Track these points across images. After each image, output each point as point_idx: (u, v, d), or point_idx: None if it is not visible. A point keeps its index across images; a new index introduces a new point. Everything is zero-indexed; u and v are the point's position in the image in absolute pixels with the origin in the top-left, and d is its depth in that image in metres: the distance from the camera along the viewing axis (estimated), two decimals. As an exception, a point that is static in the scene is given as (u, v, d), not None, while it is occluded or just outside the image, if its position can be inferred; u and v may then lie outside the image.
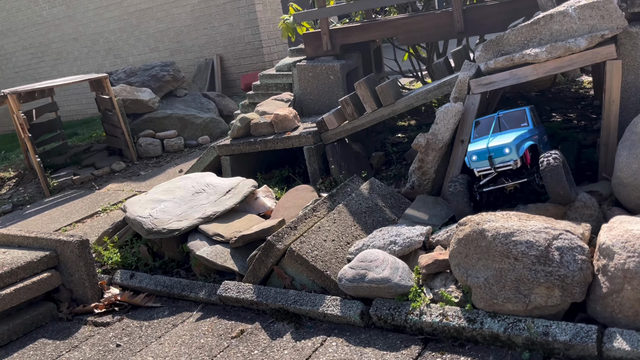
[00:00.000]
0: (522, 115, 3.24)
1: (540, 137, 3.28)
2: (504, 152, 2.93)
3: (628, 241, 2.26)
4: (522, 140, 3.02)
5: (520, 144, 2.99)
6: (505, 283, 2.41)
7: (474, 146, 3.05)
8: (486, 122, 3.31)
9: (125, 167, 6.81)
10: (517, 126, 3.20)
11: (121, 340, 3.14)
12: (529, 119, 3.21)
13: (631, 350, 2.13)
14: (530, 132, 3.15)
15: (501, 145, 2.94)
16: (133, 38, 11.41)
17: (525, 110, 3.26)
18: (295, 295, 3.01)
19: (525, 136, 3.08)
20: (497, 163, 2.96)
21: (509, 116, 3.26)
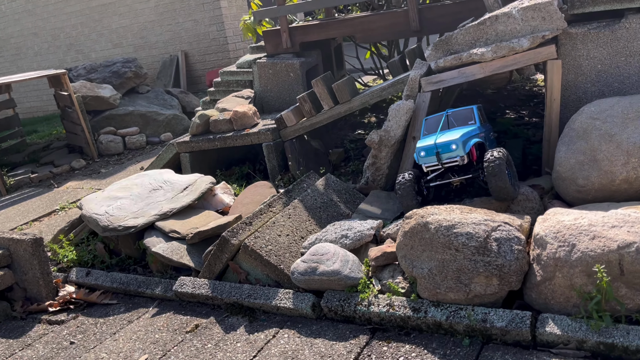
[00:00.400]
0: (469, 114, 3.33)
1: (486, 135, 3.39)
2: (451, 148, 3.03)
3: (559, 232, 2.39)
4: (469, 138, 3.13)
5: (466, 141, 3.10)
6: (447, 273, 2.51)
7: (423, 142, 3.15)
8: (436, 119, 3.41)
9: (86, 164, 6.73)
10: (464, 124, 3.29)
11: (75, 338, 3.14)
12: (476, 118, 3.31)
13: (561, 334, 2.26)
14: (477, 130, 3.25)
15: (448, 142, 3.04)
16: (95, 33, 11.23)
17: (473, 109, 3.36)
18: (249, 289, 3.07)
19: (472, 133, 3.19)
20: (444, 159, 3.05)
21: (457, 114, 3.36)
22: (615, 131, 2.93)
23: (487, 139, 3.37)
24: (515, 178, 3.10)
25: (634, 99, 3.04)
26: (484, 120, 3.49)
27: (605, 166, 2.89)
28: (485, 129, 3.40)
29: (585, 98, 3.41)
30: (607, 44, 3.30)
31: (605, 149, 2.91)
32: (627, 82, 3.31)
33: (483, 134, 3.30)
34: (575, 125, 3.10)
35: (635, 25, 3.23)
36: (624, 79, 3.31)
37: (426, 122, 3.42)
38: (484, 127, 3.40)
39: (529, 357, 2.28)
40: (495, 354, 2.34)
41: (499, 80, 6.34)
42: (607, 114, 3.01)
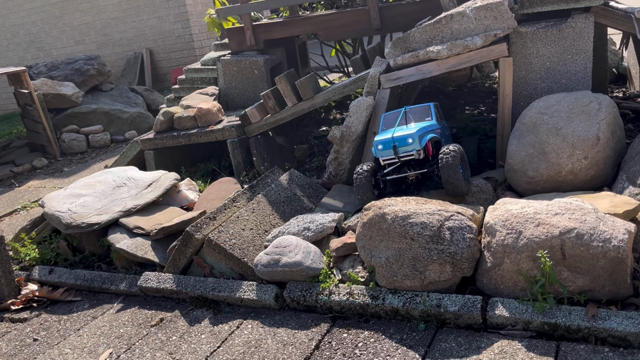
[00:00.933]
0: (426, 111, 3.42)
1: (442, 132, 3.46)
2: (408, 142, 3.11)
3: (507, 220, 2.52)
4: (425, 133, 3.23)
5: (423, 135, 3.20)
6: (403, 261, 2.62)
7: (381, 136, 3.24)
8: (394, 115, 3.50)
9: (48, 163, 6.63)
10: (421, 120, 3.37)
11: (39, 335, 3.14)
12: (432, 114, 3.39)
13: (509, 316, 2.40)
14: (434, 126, 3.32)
15: (405, 136, 3.13)
16: (56, 30, 11.02)
17: (430, 106, 3.45)
18: (213, 282, 3.12)
19: (428, 129, 3.28)
20: (401, 152, 3.14)
21: (414, 111, 3.44)
22: (561, 125, 3.09)
23: (443, 136, 3.47)
24: (468, 173, 3.21)
25: (579, 94, 3.21)
26: (440, 117, 3.57)
27: (552, 158, 3.05)
28: (441, 125, 3.49)
29: (535, 94, 3.58)
30: (554, 42, 3.46)
31: (553, 142, 3.07)
32: (574, 79, 3.49)
33: (439, 130, 3.39)
34: (526, 119, 3.26)
35: (581, 25, 3.41)
36: (571, 76, 3.49)
37: (385, 118, 3.52)
38: (440, 124, 3.48)
39: (479, 338, 2.41)
40: (448, 337, 2.46)
41: (460, 78, 6.52)
42: (554, 109, 3.18)
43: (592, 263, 2.32)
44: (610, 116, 3.07)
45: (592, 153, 2.97)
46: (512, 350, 2.29)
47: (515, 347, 2.30)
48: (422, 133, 3.20)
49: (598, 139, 2.97)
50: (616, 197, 2.73)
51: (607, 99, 3.13)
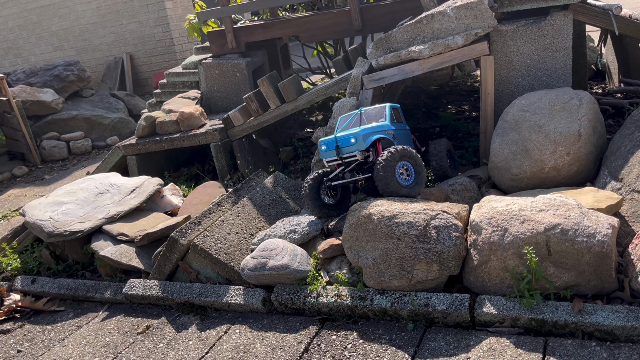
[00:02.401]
0: (381, 112, 3.27)
1: (398, 134, 3.26)
2: (350, 142, 2.97)
3: (493, 217, 2.54)
4: (371, 133, 3.04)
5: (367, 135, 3.02)
6: (390, 262, 2.62)
7: (326, 137, 3.13)
8: (350, 117, 3.35)
9: (28, 171, 6.52)
10: (375, 121, 3.22)
11: (22, 346, 3.08)
12: (387, 116, 3.22)
13: (497, 313, 2.41)
14: (384, 127, 3.15)
15: (348, 135, 2.98)
16: (34, 36, 10.85)
17: (386, 107, 3.28)
18: (200, 288, 3.09)
19: (377, 129, 3.09)
20: (344, 153, 2.99)
21: (370, 112, 3.29)
22: (543, 122, 3.12)
23: (398, 138, 3.27)
24: (418, 178, 2.97)
25: (559, 91, 3.24)
26: (398, 119, 3.39)
27: (535, 155, 3.07)
28: (396, 127, 3.30)
29: (517, 91, 3.60)
30: (534, 40, 3.50)
31: (535, 139, 3.10)
32: (554, 76, 3.52)
33: (392, 132, 3.20)
34: (508, 117, 3.28)
35: (560, 22, 3.44)
36: (551, 73, 3.52)
37: (341, 120, 3.38)
38: (395, 126, 3.29)
39: (468, 336, 2.41)
40: (437, 335, 2.46)
41: (442, 77, 6.56)
42: (535, 106, 3.20)
43: (577, 258, 2.34)
44: (591, 112, 3.11)
45: (574, 149, 3.00)
46: (500, 347, 2.30)
47: (503, 344, 2.31)
48: (367, 133, 3.03)
49: (579, 135, 3.00)
50: (599, 192, 2.76)
51: (588, 95, 3.17)
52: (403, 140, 3.32)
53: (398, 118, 3.39)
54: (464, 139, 4.52)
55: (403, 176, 2.92)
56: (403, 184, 2.88)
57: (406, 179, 2.92)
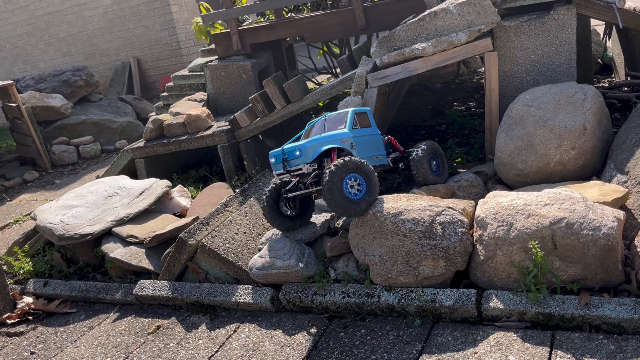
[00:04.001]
0: (342, 118, 3.09)
1: (360, 141, 3.05)
2: (295, 155, 2.83)
3: (498, 212, 2.54)
4: (320, 144, 2.87)
5: (314, 147, 2.84)
6: (397, 258, 2.63)
7: (276, 149, 2.98)
8: (315, 124, 3.20)
9: (39, 176, 6.60)
10: (335, 128, 3.06)
11: (35, 348, 3.13)
12: (347, 122, 3.04)
13: (504, 308, 2.41)
14: (339, 136, 2.96)
15: (293, 147, 2.83)
16: (43, 43, 10.97)
17: (348, 113, 3.09)
18: (209, 287, 3.12)
19: (329, 139, 2.91)
20: (291, 166, 2.86)
21: (333, 119, 3.13)
22: (548, 117, 3.12)
23: (361, 145, 3.05)
24: (370, 189, 2.76)
25: (564, 86, 3.24)
26: (365, 124, 3.15)
27: (540, 150, 3.07)
28: (358, 134, 3.06)
29: (521, 87, 3.60)
30: (538, 35, 3.49)
31: (540, 133, 3.10)
32: (558, 70, 3.52)
33: (349, 140, 2.99)
34: (513, 112, 3.28)
35: (563, 17, 3.44)
36: (556, 67, 3.52)
37: (308, 126, 3.22)
38: (358, 132, 3.07)
39: (475, 331, 2.42)
40: (444, 331, 2.47)
41: (447, 74, 6.56)
42: (540, 101, 3.20)
43: (583, 252, 2.34)
44: (596, 106, 3.10)
45: (580, 143, 3.00)
46: (507, 341, 2.31)
47: (511, 338, 2.32)
48: (315, 144, 2.87)
49: (585, 129, 3.00)
50: (605, 185, 2.75)
51: (592, 89, 3.16)
52: (369, 147, 3.09)
53: (365, 123, 3.15)
54: (470, 135, 4.53)
55: (353, 189, 2.70)
56: (351, 198, 2.67)
57: (356, 193, 2.70)
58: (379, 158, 3.18)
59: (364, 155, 3.04)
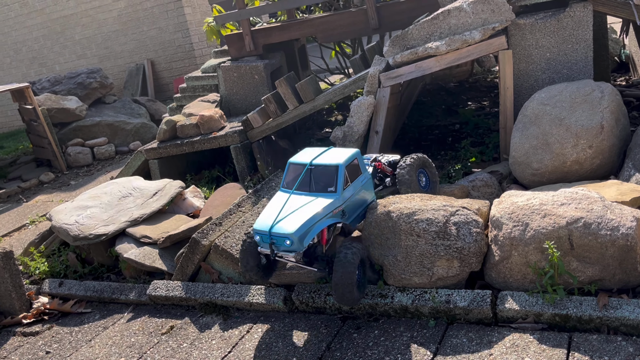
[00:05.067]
0: (332, 176, 2.67)
1: (350, 204, 2.74)
2: (286, 244, 2.51)
3: (513, 212, 2.51)
4: (312, 225, 2.54)
5: (306, 233, 2.51)
6: (411, 259, 2.61)
7: (263, 220, 2.59)
8: (297, 170, 2.77)
9: (55, 177, 6.67)
10: (323, 190, 2.67)
11: (51, 347, 3.15)
12: (338, 184, 2.65)
13: (520, 309, 2.38)
14: (331, 208, 2.62)
15: (283, 235, 2.49)
16: (58, 45, 11.10)
17: (338, 170, 2.66)
18: (222, 288, 3.12)
19: (322, 216, 2.57)
20: (280, 250, 2.56)
21: (319, 172, 2.70)
22: (564, 115, 3.07)
23: (351, 207, 2.75)
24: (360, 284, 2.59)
25: (580, 84, 3.19)
26: (355, 173, 2.77)
27: (556, 149, 3.03)
28: (348, 195, 2.71)
29: (536, 85, 3.56)
30: (554, 32, 3.45)
31: (556, 132, 3.05)
32: (575, 68, 3.46)
33: (341, 208, 2.67)
34: (528, 111, 3.24)
35: (579, 14, 3.39)
36: (572, 65, 3.47)
37: (289, 169, 2.81)
38: (347, 193, 2.71)
39: (490, 333, 2.39)
40: (459, 332, 2.45)
41: (461, 74, 6.51)
42: (556, 100, 3.16)
43: (601, 252, 2.30)
44: (614, 104, 3.05)
45: (597, 142, 2.95)
46: (523, 343, 2.27)
47: (527, 340, 2.29)
48: (307, 229, 2.52)
49: (602, 127, 2.95)
50: (623, 185, 2.71)
51: (610, 86, 3.11)
52: (358, 204, 2.81)
53: (355, 172, 2.78)
54: (484, 135, 4.48)
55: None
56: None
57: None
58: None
59: (353, 216, 2.78)
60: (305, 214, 2.55)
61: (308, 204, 2.61)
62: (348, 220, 2.76)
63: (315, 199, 2.64)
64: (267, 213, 2.63)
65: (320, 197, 2.65)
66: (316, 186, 2.70)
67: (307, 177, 2.71)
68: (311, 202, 2.62)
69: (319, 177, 2.70)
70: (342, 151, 2.79)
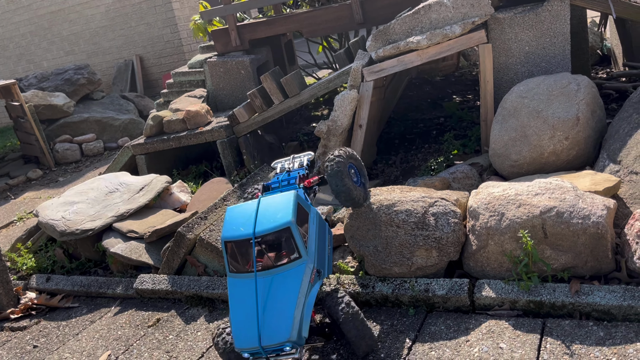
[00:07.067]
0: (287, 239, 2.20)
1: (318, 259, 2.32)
2: (286, 350, 2.08)
3: (490, 203, 2.57)
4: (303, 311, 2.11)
5: (302, 323, 2.09)
6: (391, 249, 2.67)
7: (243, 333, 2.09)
8: (240, 247, 2.24)
9: (43, 174, 6.67)
10: (287, 261, 2.19)
11: (38, 342, 3.18)
12: (298, 245, 2.17)
13: (496, 296, 2.44)
14: (308, 274, 2.19)
15: (280, 345, 2.05)
16: (46, 42, 11.04)
17: (290, 229, 2.17)
18: (207, 281, 3.17)
19: (305, 293, 2.15)
20: (281, 356, 2.11)
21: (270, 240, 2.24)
22: (542, 108, 3.14)
23: (320, 262, 2.36)
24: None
25: (557, 77, 3.25)
26: (304, 216, 2.35)
27: (534, 141, 3.09)
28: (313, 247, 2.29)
29: (516, 79, 3.62)
30: (532, 26, 3.51)
31: (534, 124, 3.11)
32: (553, 62, 3.53)
33: (315, 269, 2.25)
34: (507, 104, 3.30)
35: (557, 8, 3.45)
36: (550, 59, 3.53)
37: (229, 249, 2.26)
38: (312, 243, 2.30)
39: (468, 320, 2.45)
40: (437, 320, 2.51)
41: (447, 67, 6.57)
42: (534, 92, 3.22)
43: (573, 240, 2.36)
44: (589, 96, 3.11)
45: (573, 133, 3.02)
46: (499, 329, 2.34)
47: (502, 327, 2.35)
48: (301, 318, 2.09)
49: (578, 119, 3.02)
50: (597, 175, 2.77)
51: (586, 79, 3.17)
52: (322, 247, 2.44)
53: (303, 216, 2.35)
54: (467, 127, 4.54)
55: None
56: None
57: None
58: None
59: (325, 263, 2.43)
60: (290, 303, 2.08)
61: (283, 288, 2.13)
62: (326, 273, 2.39)
63: (285, 277, 2.15)
64: (242, 321, 2.11)
65: (289, 272, 2.16)
66: (276, 259, 2.22)
67: (259, 253, 2.21)
68: (284, 283, 2.14)
69: (273, 246, 2.23)
70: (277, 200, 2.28)
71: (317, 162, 3.97)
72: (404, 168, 4.18)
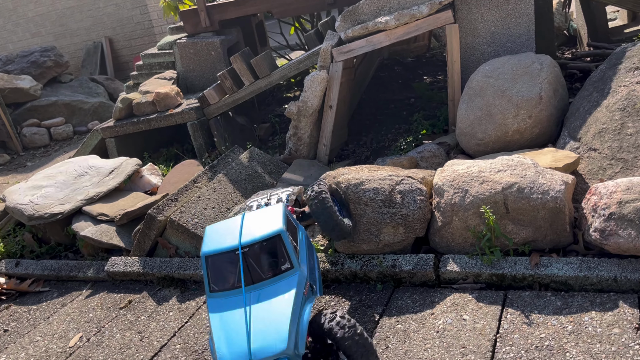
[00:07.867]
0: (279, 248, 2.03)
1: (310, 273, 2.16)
2: None
3: (454, 180, 2.63)
4: (298, 323, 1.90)
5: (298, 335, 1.87)
6: (359, 227, 2.72)
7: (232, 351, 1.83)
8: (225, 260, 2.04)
9: (10, 159, 6.54)
10: (277, 272, 2.01)
11: (9, 326, 3.17)
12: (290, 255, 2.03)
13: (460, 270, 2.52)
14: (302, 286, 2.00)
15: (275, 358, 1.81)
16: (11, 23, 10.73)
17: (281, 236, 2.03)
18: (179, 262, 3.18)
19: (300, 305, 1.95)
20: None
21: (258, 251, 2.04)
22: (506, 87, 3.20)
23: (312, 278, 2.20)
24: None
25: (522, 56, 3.32)
26: (294, 231, 2.20)
27: (499, 119, 3.16)
28: (305, 260, 2.14)
29: (483, 58, 3.68)
30: (498, 6, 3.56)
31: (499, 103, 3.18)
32: (518, 42, 3.59)
33: (308, 282, 2.09)
34: (473, 84, 3.36)
35: (522, -12, 3.50)
36: (515, 39, 3.59)
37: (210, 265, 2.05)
38: (303, 256, 2.15)
39: (433, 294, 2.53)
40: (404, 294, 2.58)
41: (419, 48, 6.60)
42: (499, 72, 3.28)
43: (533, 215, 2.44)
44: (552, 75, 3.19)
45: (536, 112, 3.09)
46: (463, 302, 2.42)
47: (466, 299, 2.43)
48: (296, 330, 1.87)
49: (540, 98, 3.09)
50: (558, 152, 2.86)
51: (549, 59, 3.25)
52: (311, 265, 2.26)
53: (293, 230, 2.20)
54: (436, 108, 4.60)
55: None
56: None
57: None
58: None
59: (317, 282, 2.29)
60: (284, 315, 1.88)
61: (275, 300, 1.94)
62: (318, 293, 2.23)
63: (276, 289, 1.97)
64: (231, 339, 1.87)
65: (280, 283, 1.99)
66: (265, 272, 2.02)
67: (246, 266, 2.01)
68: (275, 294, 1.96)
69: (261, 257, 2.03)
70: (265, 213, 2.17)
71: (288, 143, 3.99)
72: (374, 148, 4.23)
